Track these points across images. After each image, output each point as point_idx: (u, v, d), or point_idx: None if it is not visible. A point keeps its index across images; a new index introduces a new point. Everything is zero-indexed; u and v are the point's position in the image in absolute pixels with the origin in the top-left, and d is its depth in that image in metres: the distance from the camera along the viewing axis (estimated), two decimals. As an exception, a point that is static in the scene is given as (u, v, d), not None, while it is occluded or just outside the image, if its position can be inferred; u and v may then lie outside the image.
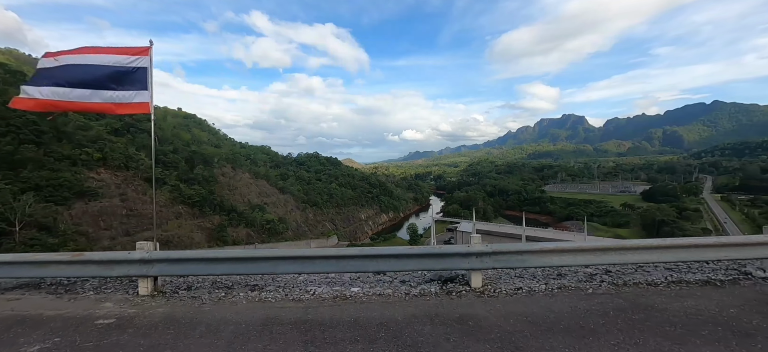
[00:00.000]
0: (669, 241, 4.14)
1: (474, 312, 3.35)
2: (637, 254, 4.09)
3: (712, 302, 3.45)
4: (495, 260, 4.01)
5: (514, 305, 3.51)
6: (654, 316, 3.18)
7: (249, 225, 50.53)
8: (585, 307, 3.40)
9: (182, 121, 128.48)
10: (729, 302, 3.46)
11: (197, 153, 63.34)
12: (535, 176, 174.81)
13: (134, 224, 38.95)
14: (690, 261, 4.66)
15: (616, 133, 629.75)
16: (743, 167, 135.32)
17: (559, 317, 3.20)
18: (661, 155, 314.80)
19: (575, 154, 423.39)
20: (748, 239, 4.28)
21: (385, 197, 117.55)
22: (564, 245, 4.14)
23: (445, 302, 3.65)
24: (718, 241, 4.19)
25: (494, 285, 4.11)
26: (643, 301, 3.53)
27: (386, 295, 3.96)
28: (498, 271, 4.67)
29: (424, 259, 4.08)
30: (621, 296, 3.71)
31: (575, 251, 4.06)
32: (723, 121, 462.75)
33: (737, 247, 4.17)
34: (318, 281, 4.55)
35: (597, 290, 3.90)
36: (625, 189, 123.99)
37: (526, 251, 4.06)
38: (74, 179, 36.85)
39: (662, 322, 3.06)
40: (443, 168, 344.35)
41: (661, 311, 3.29)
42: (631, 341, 2.71)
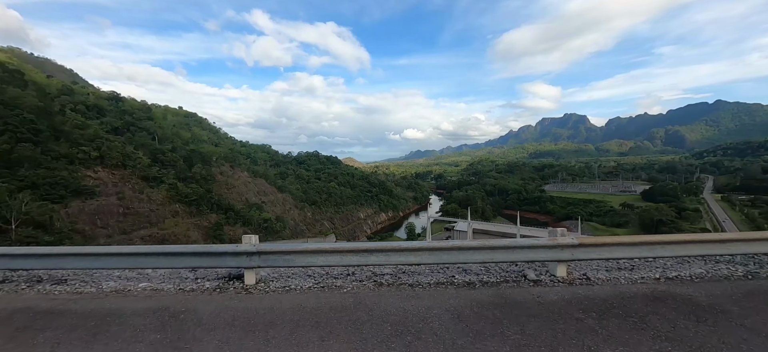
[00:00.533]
0: (429, 244, 4.36)
1: (234, 305, 3.68)
2: (400, 255, 4.27)
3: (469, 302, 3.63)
4: (263, 259, 4.23)
5: (271, 301, 3.78)
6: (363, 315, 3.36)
7: (246, 224, 50.67)
8: (326, 303, 3.66)
9: (183, 119, 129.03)
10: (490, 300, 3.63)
11: (195, 152, 63.53)
12: (536, 175, 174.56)
13: (131, 223, 39.14)
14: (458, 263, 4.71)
15: (618, 133, 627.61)
16: (744, 167, 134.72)
17: (303, 312, 3.47)
18: (663, 155, 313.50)
19: (577, 153, 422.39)
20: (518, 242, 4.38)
21: (384, 196, 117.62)
22: (328, 246, 4.35)
23: (216, 297, 3.99)
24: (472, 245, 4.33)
25: (269, 283, 4.38)
26: (367, 300, 3.73)
27: (167, 290, 4.30)
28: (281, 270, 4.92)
29: (203, 257, 4.35)
30: (357, 293, 3.98)
31: (340, 252, 4.24)
32: (726, 120, 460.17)
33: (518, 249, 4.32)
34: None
35: (348, 289, 4.14)
36: (625, 189, 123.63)
37: (293, 252, 4.29)
38: (71, 177, 37.03)
39: (363, 321, 3.25)
40: (444, 167, 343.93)
41: (371, 309, 3.50)
42: (327, 334, 3.00)
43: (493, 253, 4.24)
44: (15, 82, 48.64)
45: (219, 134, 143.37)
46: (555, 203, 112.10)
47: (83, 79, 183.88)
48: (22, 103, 42.10)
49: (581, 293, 3.79)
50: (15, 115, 39.38)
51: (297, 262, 4.32)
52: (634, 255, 4.39)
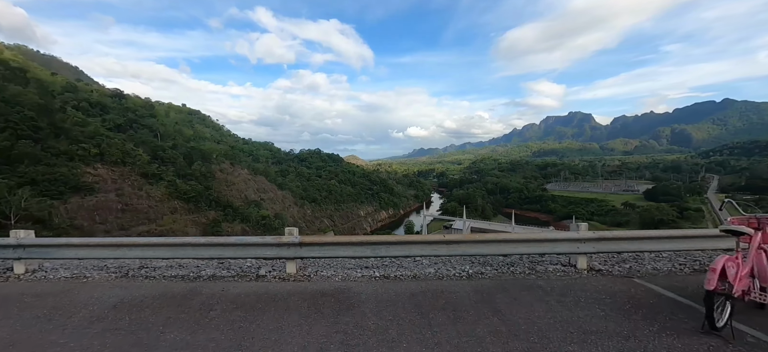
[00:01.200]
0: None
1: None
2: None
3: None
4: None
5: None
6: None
7: (244, 221, 51.04)
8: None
9: (186, 117, 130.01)
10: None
11: (195, 149, 64.04)
12: (538, 174, 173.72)
13: (129, 219, 39.61)
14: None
15: (623, 132, 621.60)
16: (750, 167, 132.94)
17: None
18: (669, 154, 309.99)
19: (581, 152, 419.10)
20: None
21: (385, 194, 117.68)
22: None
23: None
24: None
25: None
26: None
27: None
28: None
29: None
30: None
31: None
32: (733, 119, 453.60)
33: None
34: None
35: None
36: (628, 188, 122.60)
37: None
38: (71, 174, 37.54)
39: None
40: (447, 165, 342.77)
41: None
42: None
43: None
44: (17, 80, 49.32)
45: (222, 132, 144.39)
46: (556, 202, 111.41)
47: (88, 77, 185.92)
48: (23, 101, 42.68)
49: (308, 287, 4.31)
50: (16, 112, 39.96)
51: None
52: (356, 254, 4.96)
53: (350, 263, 5.39)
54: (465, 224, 53.92)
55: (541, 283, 4.25)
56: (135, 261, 5.58)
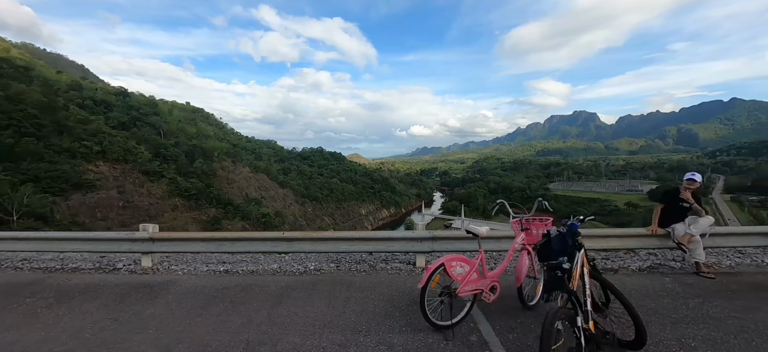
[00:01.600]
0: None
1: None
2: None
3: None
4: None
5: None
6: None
7: (245, 218, 51.33)
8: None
9: (189, 115, 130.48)
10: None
11: (197, 147, 64.43)
12: (541, 173, 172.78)
13: (130, 215, 40.00)
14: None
15: (629, 131, 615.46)
16: (757, 167, 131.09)
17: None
18: (675, 154, 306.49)
19: (585, 151, 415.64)
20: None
21: (386, 193, 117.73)
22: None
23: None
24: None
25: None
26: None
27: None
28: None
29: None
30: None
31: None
32: (741, 119, 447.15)
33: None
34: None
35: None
36: (632, 188, 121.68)
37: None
38: (73, 171, 37.98)
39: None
40: (450, 164, 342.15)
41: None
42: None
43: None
44: (21, 78, 49.94)
45: (225, 130, 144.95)
46: (559, 201, 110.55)
47: (94, 75, 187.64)
48: (27, 99, 43.23)
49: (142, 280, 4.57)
50: (19, 110, 40.49)
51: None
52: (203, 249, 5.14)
53: (211, 259, 5.57)
54: (463, 222, 53.75)
55: (355, 278, 4.43)
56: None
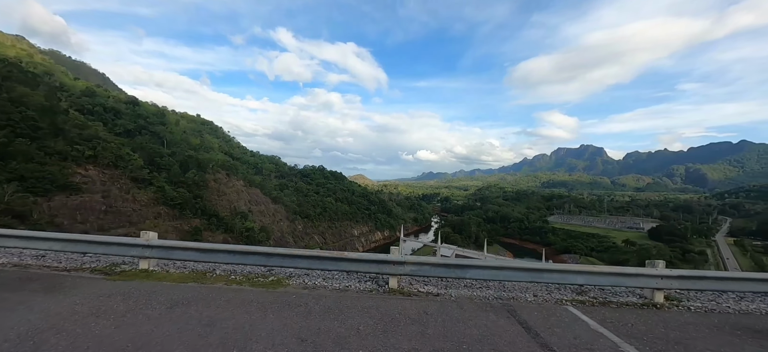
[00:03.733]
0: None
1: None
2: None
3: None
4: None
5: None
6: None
7: (228, 231, 51.29)
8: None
9: (198, 126, 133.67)
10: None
11: (192, 157, 65.51)
12: (543, 205, 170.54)
13: (111, 220, 40.31)
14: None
15: (636, 168, 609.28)
16: (763, 212, 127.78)
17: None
18: (683, 193, 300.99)
19: (591, 186, 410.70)
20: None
21: (382, 215, 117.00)
22: None
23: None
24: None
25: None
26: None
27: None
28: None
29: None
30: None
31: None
32: (751, 162, 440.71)
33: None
34: None
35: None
36: (633, 225, 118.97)
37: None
38: (60, 173, 38.80)
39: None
40: (453, 190, 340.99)
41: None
42: None
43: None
44: (29, 83, 52.20)
45: (231, 143, 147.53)
46: (557, 234, 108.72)
47: (112, 83, 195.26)
48: (28, 102, 44.97)
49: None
50: (19, 112, 42.03)
51: None
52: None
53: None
54: (451, 250, 52.90)
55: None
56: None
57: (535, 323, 4.14)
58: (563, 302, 5.20)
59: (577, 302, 5.24)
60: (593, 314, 4.63)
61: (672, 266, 7.94)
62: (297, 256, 5.57)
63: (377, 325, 3.82)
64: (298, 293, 4.84)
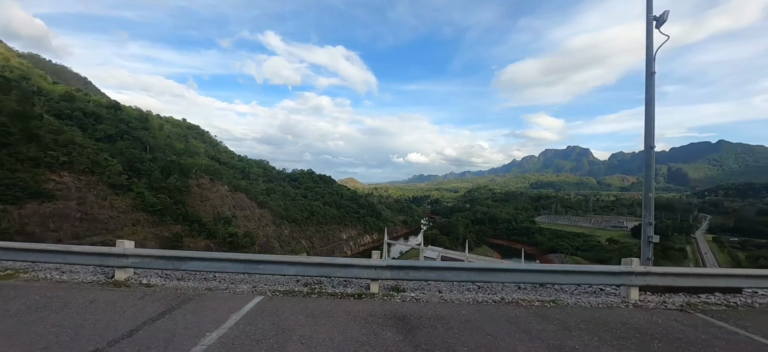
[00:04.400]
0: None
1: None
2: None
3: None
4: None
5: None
6: None
7: (210, 237, 50.34)
8: None
9: (183, 131, 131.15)
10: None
11: (174, 162, 64.22)
12: (530, 205, 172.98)
13: (86, 228, 39.12)
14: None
15: (621, 168, 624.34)
16: (740, 209, 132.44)
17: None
18: (666, 192, 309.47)
19: (578, 186, 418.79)
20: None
21: (371, 219, 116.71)
22: None
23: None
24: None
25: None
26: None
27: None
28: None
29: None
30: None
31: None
32: (729, 161, 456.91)
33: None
34: None
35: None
36: (617, 224, 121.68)
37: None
38: (32, 180, 37.52)
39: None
40: (443, 193, 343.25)
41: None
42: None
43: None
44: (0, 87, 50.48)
45: (218, 148, 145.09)
46: (544, 234, 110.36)
47: (96, 88, 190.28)
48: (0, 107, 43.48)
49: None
50: (-12, 117, 40.60)
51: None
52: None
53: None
54: (437, 252, 53.09)
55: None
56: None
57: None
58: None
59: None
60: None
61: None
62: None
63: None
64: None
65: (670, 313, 4.91)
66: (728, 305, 5.47)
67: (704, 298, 5.76)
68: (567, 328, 4.09)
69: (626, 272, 5.52)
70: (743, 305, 5.45)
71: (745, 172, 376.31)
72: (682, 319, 4.64)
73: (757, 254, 68.25)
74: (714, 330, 4.22)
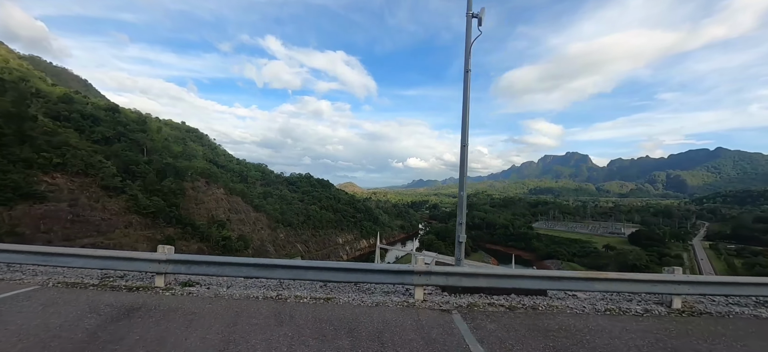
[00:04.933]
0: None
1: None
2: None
3: None
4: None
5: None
6: None
7: (204, 240, 50.13)
8: None
9: (183, 134, 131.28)
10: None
11: (170, 165, 64.13)
12: (528, 211, 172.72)
13: (77, 230, 38.90)
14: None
15: (620, 174, 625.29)
16: (737, 216, 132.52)
17: None
18: (664, 199, 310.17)
19: (577, 192, 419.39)
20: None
21: (368, 223, 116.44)
22: None
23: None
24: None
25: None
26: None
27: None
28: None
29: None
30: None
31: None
32: (727, 168, 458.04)
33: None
34: None
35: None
36: (614, 231, 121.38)
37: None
38: (24, 181, 37.39)
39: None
40: (442, 198, 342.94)
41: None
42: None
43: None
44: (-4, 88, 50.51)
45: (217, 151, 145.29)
46: (541, 240, 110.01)
47: (95, 90, 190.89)
48: (-6, 108, 43.46)
49: None
50: (-18, 118, 40.58)
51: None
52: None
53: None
54: (431, 257, 52.83)
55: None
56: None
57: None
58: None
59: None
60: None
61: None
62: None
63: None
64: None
65: (434, 313, 4.86)
66: (510, 307, 5.27)
67: (497, 299, 5.56)
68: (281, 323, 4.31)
69: (408, 271, 5.44)
70: (528, 307, 5.27)
71: (744, 180, 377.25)
72: (429, 318, 4.64)
73: (753, 262, 68.01)
74: (436, 331, 4.21)
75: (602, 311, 5.26)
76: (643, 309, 5.43)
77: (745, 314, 5.40)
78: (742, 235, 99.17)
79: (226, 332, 3.85)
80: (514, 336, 4.11)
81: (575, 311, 5.20)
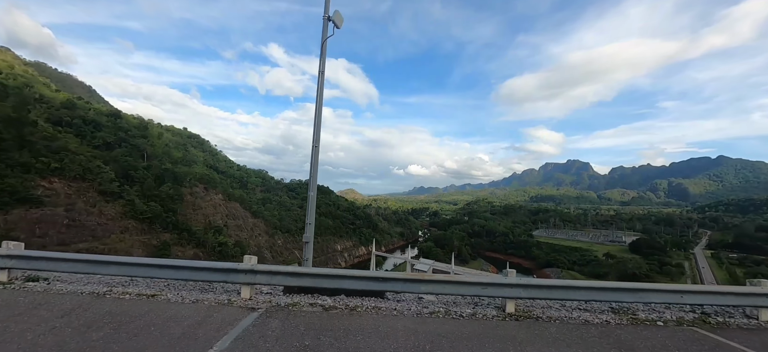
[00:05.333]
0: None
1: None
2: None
3: None
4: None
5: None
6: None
7: (199, 246, 50.02)
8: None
9: (183, 139, 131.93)
10: None
11: (168, 170, 64.33)
12: (529, 219, 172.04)
13: (72, 235, 38.91)
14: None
15: (621, 182, 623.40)
16: (739, 225, 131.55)
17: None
18: (666, 207, 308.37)
19: (578, 200, 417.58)
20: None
21: (367, 230, 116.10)
22: None
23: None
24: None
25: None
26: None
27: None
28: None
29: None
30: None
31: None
32: (729, 176, 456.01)
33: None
34: None
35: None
36: (615, 239, 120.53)
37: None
38: (21, 186, 37.56)
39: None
40: (443, 205, 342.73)
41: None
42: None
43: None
44: (-2, 94, 51.10)
45: (217, 157, 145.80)
46: (541, 248, 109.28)
47: (99, 96, 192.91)
48: (-6, 113, 43.91)
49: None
50: (-18, 123, 40.98)
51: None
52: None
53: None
54: (428, 264, 52.59)
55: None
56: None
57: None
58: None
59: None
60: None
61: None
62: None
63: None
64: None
65: (233, 310, 4.92)
66: (329, 307, 5.26)
67: (323, 299, 5.56)
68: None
69: (233, 269, 5.55)
70: (349, 308, 5.25)
71: (746, 188, 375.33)
72: (224, 314, 4.71)
73: (755, 271, 67.31)
74: (205, 329, 4.27)
75: (427, 314, 5.09)
76: (473, 312, 5.27)
77: (573, 318, 5.24)
78: (744, 244, 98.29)
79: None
80: (290, 334, 4.09)
81: (401, 313, 5.12)
